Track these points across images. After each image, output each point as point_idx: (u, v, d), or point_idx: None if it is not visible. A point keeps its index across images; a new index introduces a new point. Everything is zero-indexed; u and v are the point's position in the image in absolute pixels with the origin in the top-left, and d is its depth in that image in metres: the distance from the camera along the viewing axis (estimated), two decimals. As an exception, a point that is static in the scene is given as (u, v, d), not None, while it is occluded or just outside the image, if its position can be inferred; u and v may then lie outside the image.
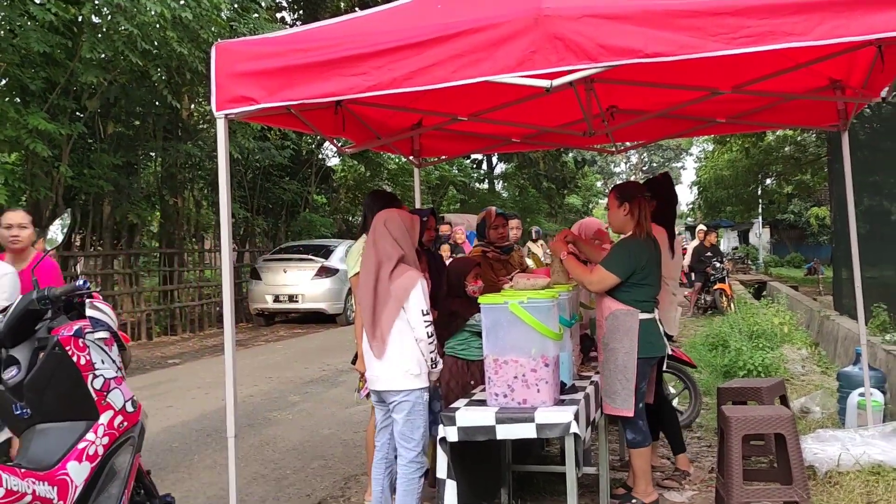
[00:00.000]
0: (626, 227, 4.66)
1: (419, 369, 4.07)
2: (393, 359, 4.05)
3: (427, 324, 3.99)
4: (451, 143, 7.07)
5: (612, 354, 4.55)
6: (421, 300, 4.00)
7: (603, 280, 4.56)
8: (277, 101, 3.86)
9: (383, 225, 4.15)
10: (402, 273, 4.04)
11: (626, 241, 4.63)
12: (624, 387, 4.52)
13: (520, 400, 3.92)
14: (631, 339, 4.50)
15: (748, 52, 3.19)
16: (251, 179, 20.12)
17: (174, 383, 10.27)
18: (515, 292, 4.12)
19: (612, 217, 4.73)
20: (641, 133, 6.91)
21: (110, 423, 3.58)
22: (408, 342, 4.04)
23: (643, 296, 4.57)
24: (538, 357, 3.89)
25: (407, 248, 4.12)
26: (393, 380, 4.06)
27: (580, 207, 43.93)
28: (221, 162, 4.10)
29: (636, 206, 4.63)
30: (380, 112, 5.94)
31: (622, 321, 4.53)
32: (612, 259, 4.60)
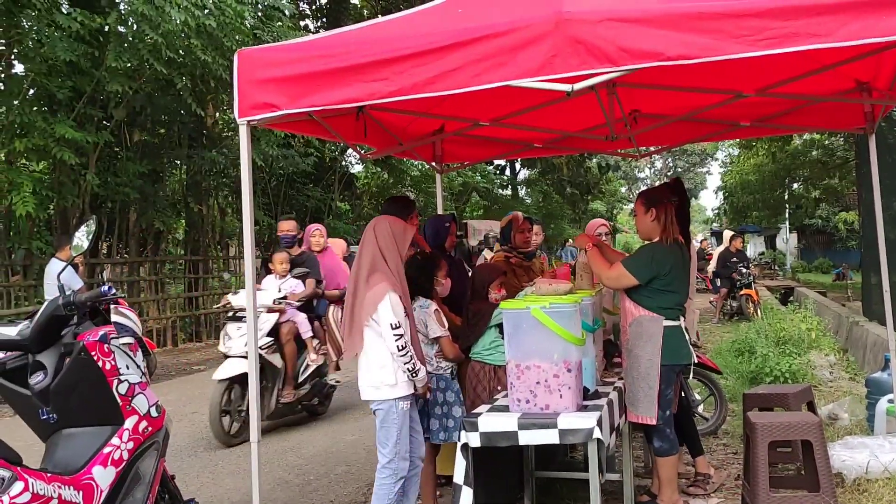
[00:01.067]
0: (654, 233, 4.64)
1: (395, 379, 4.10)
2: (367, 369, 4.14)
3: (397, 337, 4.03)
4: (473, 149, 7.07)
5: (635, 361, 4.53)
6: (389, 313, 4.03)
7: (619, 278, 4.55)
8: (299, 108, 3.88)
9: (371, 231, 4.23)
10: (375, 283, 4.08)
11: (652, 246, 4.61)
12: (646, 394, 4.49)
13: (542, 405, 3.91)
14: (654, 346, 4.48)
15: (772, 53, 3.15)
16: (275, 186, 20.24)
17: (199, 389, 10.33)
18: (537, 297, 4.11)
19: (640, 223, 4.71)
20: (665, 137, 6.87)
21: (135, 428, 3.62)
22: (380, 352, 4.09)
23: (668, 302, 4.53)
24: (561, 362, 3.87)
25: (391, 256, 4.17)
26: (367, 389, 4.16)
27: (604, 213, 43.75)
28: (245, 169, 4.13)
29: (662, 212, 4.61)
30: (401, 118, 5.96)
31: (646, 327, 4.51)
32: (634, 260, 4.58)
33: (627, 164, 61.41)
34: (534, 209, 33.96)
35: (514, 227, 5.96)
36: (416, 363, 4.14)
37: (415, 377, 4.15)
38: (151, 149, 15.71)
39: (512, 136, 6.81)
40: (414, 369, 4.12)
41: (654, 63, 3.25)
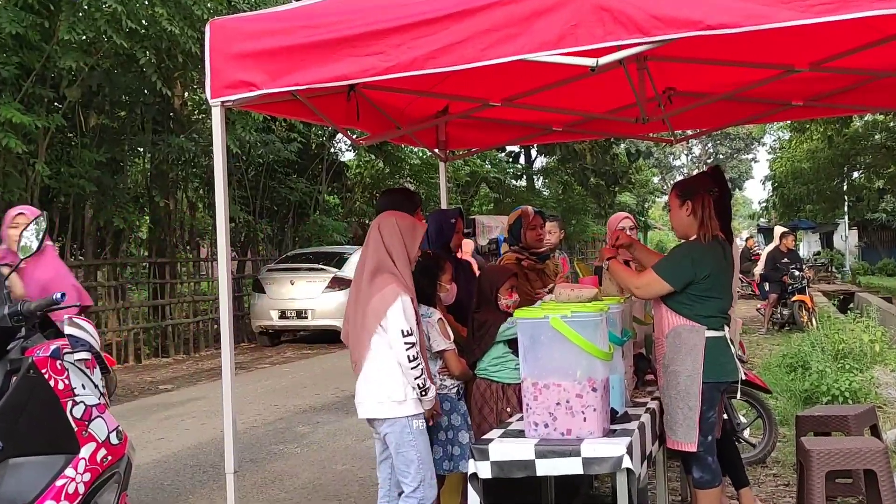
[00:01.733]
0: (691, 230, 4.64)
1: (404, 395, 4.13)
2: (373, 382, 4.17)
3: (408, 346, 4.07)
4: (482, 133, 7.07)
5: (672, 378, 4.52)
6: (401, 318, 4.07)
7: (650, 285, 4.55)
8: (281, 87, 3.88)
9: (377, 228, 4.26)
10: (384, 285, 4.11)
11: (688, 245, 4.60)
12: (686, 416, 4.48)
13: (563, 430, 3.90)
14: (695, 360, 4.47)
15: (829, 21, 3.14)
16: (253, 178, 20.28)
17: (166, 412, 10.35)
18: (557, 305, 4.10)
19: (675, 219, 4.71)
20: (704, 119, 6.86)
21: (92, 457, 3.62)
22: (389, 363, 4.13)
23: (709, 310, 4.53)
24: (584, 380, 3.87)
25: (399, 257, 4.19)
26: (374, 406, 4.17)
27: (634, 207, 43.74)
28: (218, 157, 4.13)
29: (699, 204, 4.60)
30: (399, 97, 5.96)
31: (685, 339, 4.50)
32: (666, 263, 4.58)
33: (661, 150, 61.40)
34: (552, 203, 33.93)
35: (523, 223, 5.96)
36: (427, 380, 4.16)
37: (423, 396, 4.16)
38: (110, 134, 15.73)
39: (527, 119, 6.80)
40: (424, 386, 4.15)
41: (691, 33, 3.25)
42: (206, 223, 19.80)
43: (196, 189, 19.11)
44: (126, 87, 14.69)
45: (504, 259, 5.99)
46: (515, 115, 6.61)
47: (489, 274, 5.14)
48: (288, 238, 21.79)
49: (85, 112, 15.02)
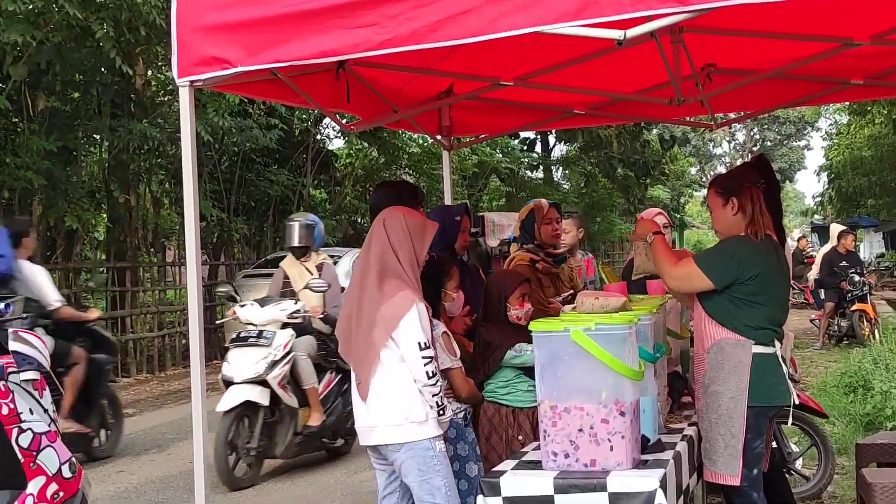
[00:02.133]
0: (739, 231, 4.63)
1: (425, 414, 4.12)
2: (387, 402, 4.14)
3: (426, 360, 4.09)
4: (492, 118, 7.07)
5: (713, 400, 4.52)
6: (416, 330, 4.08)
7: (688, 277, 4.55)
8: (260, 64, 3.88)
9: (381, 226, 4.25)
10: (395, 291, 4.10)
11: (735, 240, 4.59)
12: (728, 444, 4.48)
13: (587, 461, 3.90)
14: (739, 380, 4.46)
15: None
16: (227, 169, 20.29)
17: (126, 439, 10.34)
18: (579, 316, 4.10)
19: (719, 220, 4.71)
20: (749, 100, 6.86)
21: (41, 493, 3.62)
22: (403, 380, 4.13)
23: (757, 319, 4.52)
24: (611, 403, 3.87)
25: (406, 259, 4.18)
26: (390, 431, 4.14)
27: (668, 202, 43.71)
28: (186, 146, 4.14)
29: (747, 199, 4.60)
30: (396, 76, 5.97)
31: (729, 355, 4.49)
32: (709, 257, 4.58)
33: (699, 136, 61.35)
34: (573, 197, 33.90)
35: (537, 217, 5.94)
36: (445, 398, 4.18)
37: (441, 415, 4.18)
38: (62, 119, 15.75)
39: (544, 101, 6.80)
40: (443, 404, 4.17)
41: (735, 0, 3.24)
42: (172, 222, 19.81)
43: (161, 182, 19.11)
44: (80, 64, 14.68)
45: (515, 260, 5.93)
46: (530, 96, 6.60)
47: (496, 280, 5.13)
48: (268, 239, 21.80)
49: (32, 93, 15.00)
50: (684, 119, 7.69)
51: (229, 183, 20.28)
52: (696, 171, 62.10)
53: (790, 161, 68.31)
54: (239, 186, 20.56)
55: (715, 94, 6.33)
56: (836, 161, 35.02)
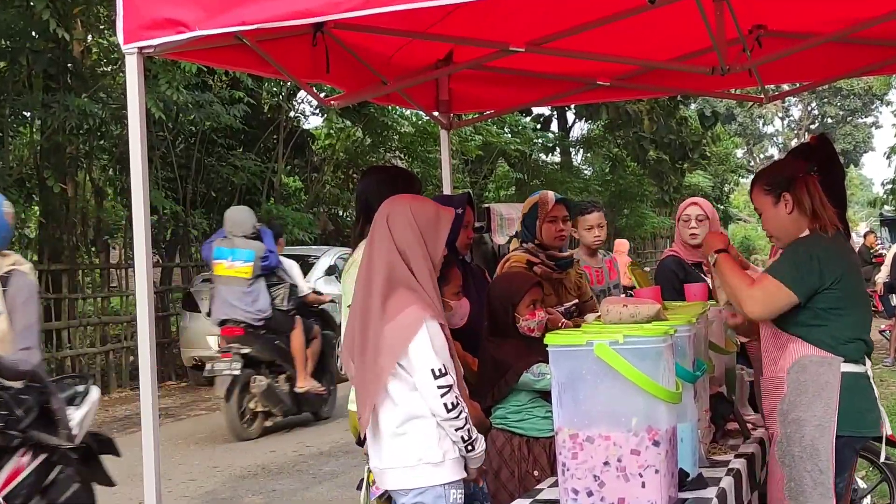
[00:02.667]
0: (800, 231, 4.64)
1: (441, 454, 4.08)
2: (396, 442, 4.09)
3: (444, 391, 4.01)
4: (499, 91, 7.09)
5: (796, 429, 4.51)
6: (428, 354, 4.02)
7: (771, 297, 4.51)
8: (222, 26, 3.89)
9: (384, 222, 4.17)
10: (400, 308, 4.05)
11: (808, 241, 4.59)
12: (817, 481, 4.46)
13: (614, 500, 3.90)
14: (826, 405, 4.46)
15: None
16: (183, 153, 20.28)
17: (64, 477, 10.36)
18: (604, 327, 4.11)
19: (772, 221, 4.69)
20: (805, 69, 6.87)
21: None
22: (416, 412, 4.07)
23: (847, 331, 4.51)
24: (643, 431, 3.87)
25: (417, 261, 4.12)
26: (401, 474, 4.10)
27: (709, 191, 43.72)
28: (134, 125, 4.14)
29: (803, 192, 4.60)
30: (385, 41, 5.98)
31: (813, 374, 4.49)
32: (785, 266, 4.54)
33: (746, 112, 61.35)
34: (596, 185, 33.90)
35: (539, 213, 5.98)
36: (473, 429, 4.13)
37: (470, 451, 4.13)
38: (-15, 94, 15.75)
39: (561, 70, 6.81)
40: (470, 439, 4.11)
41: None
42: (118, 216, 19.78)
43: (104, 169, 19.10)
44: (6, 27, 14.68)
45: (510, 261, 5.95)
46: (545, 64, 6.62)
47: (500, 285, 5.13)
48: (231, 236, 21.78)
49: (-52, 63, 15.04)
50: (729, 91, 7.70)
51: (185, 169, 20.26)
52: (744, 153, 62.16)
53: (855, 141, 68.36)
54: (197, 173, 20.53)
55: (765, 62, 6.33)
56: (911, 142, 35.07)
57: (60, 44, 15.24)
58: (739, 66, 5.99)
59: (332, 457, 10.67)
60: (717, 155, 43.94)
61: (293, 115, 23.69)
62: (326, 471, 10.09)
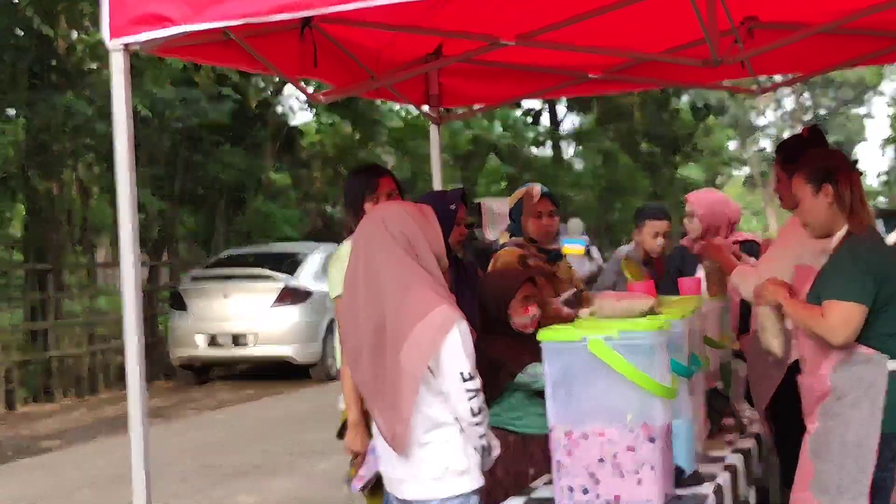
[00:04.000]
0: (836, 224, 4.62)
1: (467, 462, 4.00)
2: (421, 451, 3.97)
3: (472, 394, 3.89)
4: (490, 84, 7.08)
5: (839, 424, 4.48)
6: (460, 356, 3.89)
7: (848, 321, 4.41)
8: (208, 21, 3.88)
9: (383, 229, 4.05)
10: (427, 306, 3.90)
11: (849, 250, 4.55)
12: (854, 479, 4.43)
13: (609, 497, 3.91)
14: (873, 403, 4.44)
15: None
16: (170, 150, 20.25)
17: (52, 478, 10.34)
18: (598, 322, 4.10)
19: (809, 211, 4.66)
20: (798, 60, 6.87)
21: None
22: (440, 419, 3.96)
23: (890, 326, 4.52)
24: (638, 427, 3.87)
25: (426, 258, 4.05)
26: (427, 485, 3.98)
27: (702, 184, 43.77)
28: (120, 122, 4.13)
29: (845, 187, 4.58)
30: (373, 35, 5.97)
31: (859, 373, 4.46)
32: (843, 282, 4.48)
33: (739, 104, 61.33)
34: (588, 178, 33.93)
35: (525, 207, 5.98)
36: (491, 434, 4.08)
37: (487, 457, 4.09)
38: (-32, 91, 15.71)
39: (552, 63, 6.81)
40: (489, 445, 4.06)
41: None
42: (104, 214, 19.75)
43: (90, 167, 19.07)
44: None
45: (501, 256, 5.94)
46: (536, 57, 6.61)
47: (492, 282, 5.11)
48: (220, 234, 21.78)
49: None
50: (721, 83, 7.69)
51: (172, 167, 20.24)
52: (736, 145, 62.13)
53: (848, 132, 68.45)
54: (184, 171, 20.52)
55: (758, 53, 6.33)
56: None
57: (45, 41, 15.21)
58: (731, 57, 5.99)
59: (324, 456, 10.64)
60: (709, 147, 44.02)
61: (281, 110, 23.71)
62: (319, 470, 10.07)
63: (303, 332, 16.45)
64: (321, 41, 5.47)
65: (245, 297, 16.54)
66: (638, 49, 6.57)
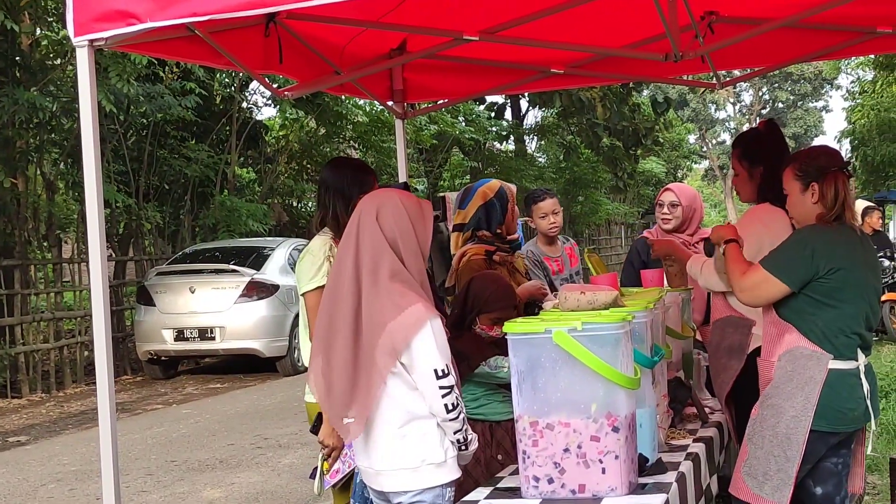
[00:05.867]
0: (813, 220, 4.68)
1: (443, 454, 4.03)
2: (396, 444, 4.01)
3: (445, 391, 3.92)
4: (453, 79, 7.08)
5: (773, 414, 4.53)
6: (432, 353, 3.92)
7: (759, 286, 4.56)
8: (173, 18, 3.85)
9: (372, 217, 4.03)
10: (402, 304, 3.93)
11: (807, 231, 4.61)
12: (780, 468, 4.51)
13: (574, 486, 3.91)
14: (807, 398, 4.49)
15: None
16: (134, 145, 20.13)
17: (18, 474, 10.28)
18: (562, 314, 4.11)
19: (796, 206, 4.71)
20: (757, 55, 6.90)
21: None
22: (417, 413, 4.00)
23: (840, 324, 4.55)
24: (602, 417, 3.88)
25: (410, 256, 4.03)
26: (401, 477, 4.01)
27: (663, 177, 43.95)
28: (86, 117, 4.10)
29: (830, 188, 4.61)
30: (338, 31, 5.95)
31: (800, 367, 4.51)
32: (778, 255, 4.56)
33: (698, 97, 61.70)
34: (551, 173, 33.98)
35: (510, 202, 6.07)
36: (469, 429, 4.09)
37: (464, 450, 4.10)
38: (-69, 87, 15.56)
39: (515, 59, 6.81)
40: (466, 440, 4.07)
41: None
42: (69, 210, 19.61)
43: (55, 163, 18.92)
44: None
45: (470, 253, 5.92)
46: (499, 53, 6.62)
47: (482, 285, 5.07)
48: (185, 229, 21.67)
49: None
50: (682, 78, 7.72)
51: (137, 162, 20.12)
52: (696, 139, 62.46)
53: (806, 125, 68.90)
54: (149, 166, 20.41)
55: (718, 48, 6.36)
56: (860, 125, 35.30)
57: (8, 36, 15.08)
58: (692, 52, 6.01)
59: (290, 449, 10.64)
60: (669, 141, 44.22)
61: (246, 106, 23.60)
62: (285, 463, 10.06)
63: (269, 326, 16.42)
64: (286, 37, 5.45)
65: (211, 291, 16.50)
66: (600, 44, 6.58)
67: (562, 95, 29.14)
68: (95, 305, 4.20)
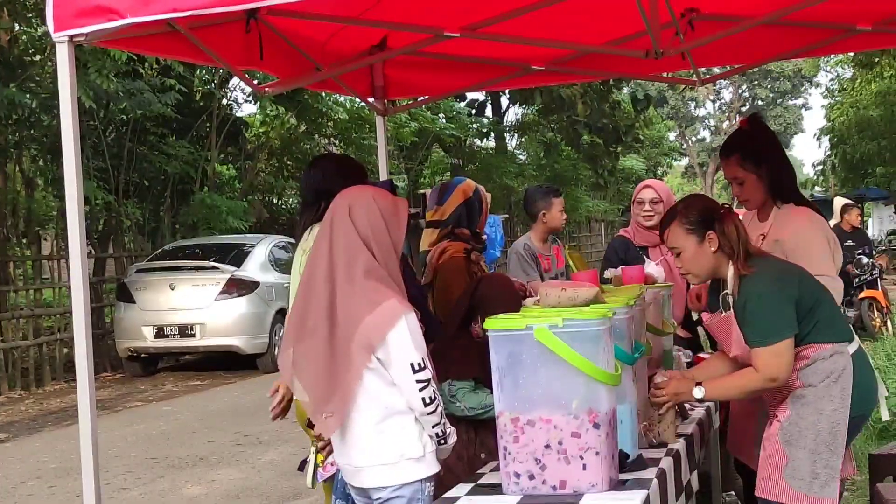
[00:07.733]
0: (722, 267, 4.60)
1: (422, 449, 4.04)
2: (374, 440, 4.01)
3: (422, 385, 3.94)
4: (434, 76, 7.07)
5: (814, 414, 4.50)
6: (408, 347, 3.93)
7: (778, 361, 4.41)
8: (154, 14, 3.83)
9: (345, 214, 4.05)
10: (377, 299, 3.94)
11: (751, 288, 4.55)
12: (826, 464, 4.48)
13: (555, 482, 3.91)
14: (843, 390, 4.49)
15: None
16: (114, 142, 20.06)
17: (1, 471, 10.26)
18: (543, 310, 4.11)
19: (693, 260, 4.58)
20: (737, 52, 6.91)
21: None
22: (394, 408, 4.00)
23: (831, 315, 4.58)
24: (583, 413, 3.88)
25: (383, 252, 4.03)
26: (380, 473, 4.02)
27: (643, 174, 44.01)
28: (66, 114, 4.08)
29: (730, 227, 4.54)
30: (318, 27, 5.94)
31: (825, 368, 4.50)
32: (762, 323, 4.46)
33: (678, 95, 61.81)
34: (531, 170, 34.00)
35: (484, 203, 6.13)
36: (447, 423, 4.10)
37: (443, 444, 4.11)
38: None
39: (496, 55, 6.81)
40: (445, 433, 4.08)
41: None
42: (48, 207, 19.54)
43: (34, 159, 18.87)
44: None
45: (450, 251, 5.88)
46: (479, 49, 6.60)
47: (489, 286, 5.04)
48: (165, 226, 21.62)
49: None
50: (662, 75, 7.73)
51: (117, 159, 20.05)
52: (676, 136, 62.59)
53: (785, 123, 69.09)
54: (129, 163, 20.33)
55: (698, 45, 6.36)
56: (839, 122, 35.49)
57: (-14, 33, 15.03)
58: (673, 49, 6.02)
59: (270, 446, 10.63)
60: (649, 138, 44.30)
61: (226, 102, 23.53)
62: (266, 460, 10.05)
63: (249, 323, 16.42)
64: (266, 33, 5.44)
65: (191, 288, 16.48)
66: (580, 41, 6.58)
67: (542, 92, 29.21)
68: (76, 302, 4.18)
